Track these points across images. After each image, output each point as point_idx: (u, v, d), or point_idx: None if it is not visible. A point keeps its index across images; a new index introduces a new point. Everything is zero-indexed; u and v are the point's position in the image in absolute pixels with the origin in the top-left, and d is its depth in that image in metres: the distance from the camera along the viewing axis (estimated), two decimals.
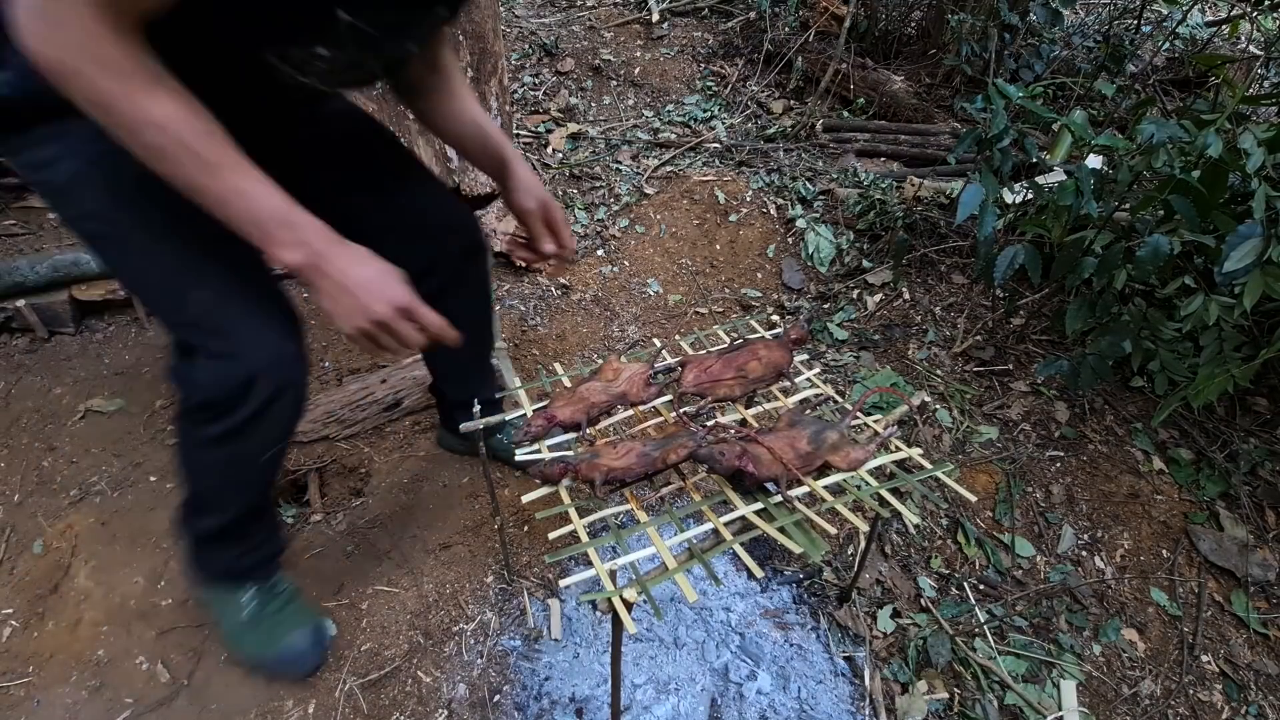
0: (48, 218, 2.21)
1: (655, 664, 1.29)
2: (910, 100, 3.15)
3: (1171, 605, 1.48)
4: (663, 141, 2.89)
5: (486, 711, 1.22)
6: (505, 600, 1.39)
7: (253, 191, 0.76)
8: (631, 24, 3.69)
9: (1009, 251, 1.65)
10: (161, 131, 0.70)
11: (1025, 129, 1.77)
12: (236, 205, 0.75)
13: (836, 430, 1.03)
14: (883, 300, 2.22)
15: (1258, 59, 3.11)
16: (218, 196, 0.75)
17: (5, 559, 1.43)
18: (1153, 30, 3.37)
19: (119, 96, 0.69)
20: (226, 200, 0.75)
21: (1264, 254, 1.27)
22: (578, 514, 0.94)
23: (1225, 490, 1.65)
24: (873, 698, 1.26)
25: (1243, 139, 1.38)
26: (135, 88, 0.69)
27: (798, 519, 0.91)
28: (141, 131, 0.71)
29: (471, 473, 1.65)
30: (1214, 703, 1.35)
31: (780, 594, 1.43)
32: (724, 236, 2.44)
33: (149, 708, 1.21)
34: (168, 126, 0.71)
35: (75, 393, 1.80)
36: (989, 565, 1.52)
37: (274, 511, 1.17)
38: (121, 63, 0.68)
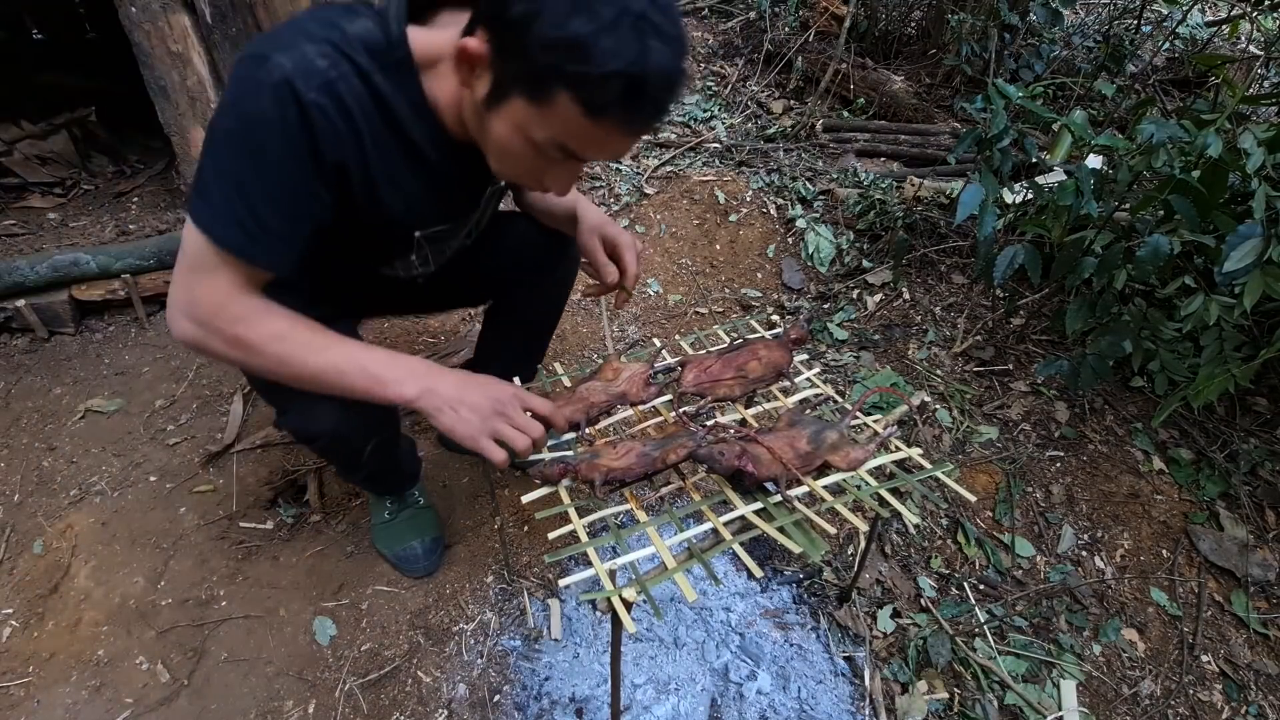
0: (48, 217, 2.21)
1: (655, 664, 1.29)
2: (910, 100, 3.15)
3: (1171, 605, 1.48)
4: (663, 141, 2.89)
5: (486, 711, 1.22)
6: (505, 600, 1.39)
7: (362, 354, 0.91)
8: None
9: (1009, 251, 1.65)
10: (281, 339, 0.88)
11: (1025, 129, 1.77)
12: (351, 368, 0.90)
13: (836, 430, 1.03)
14: (883, 300, 2.22)
15: (1258, 59, 3.11)
16: (334, 366, 0.89)
17: (5, 559, 1.43)
18: (1153, 30, 3.37)
19: (246, 329, 0.87)
20: (341, 368, 0.90)
21: (1264, 254, 1.27)
22: (577, 514, 0.94)
23: (1225, 490, 1.65)
24: (873, 698, 1.26)
25: (1243, 139, 1.38)
26: (258, 319, 0.88)
27: (797, 519, 0.91)
28: (268, 345, 0.87)
29: (471, 473, 1.65)
30: (1214, 703, 1.35)
31: (780, 594, 1.43)
32: (724, 236, 2.44)
33: (149, 708, 1.21)
34: (285, 333, 0.88)
35: (75, 393, 1.80)
36: (989, 565, 1.52)
37: (398, 460, 1.36)
38: (248, 311, 0.87)
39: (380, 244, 1.06)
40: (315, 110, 0.79)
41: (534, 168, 0.85)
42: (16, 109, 2.51)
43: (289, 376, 0.90)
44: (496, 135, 0.82)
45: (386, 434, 1.25)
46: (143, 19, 1.79)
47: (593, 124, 0.74)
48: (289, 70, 0.77)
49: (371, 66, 0.83)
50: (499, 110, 0.79)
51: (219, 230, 0.83)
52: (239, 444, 1.67)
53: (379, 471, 1.32)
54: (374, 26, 0.84)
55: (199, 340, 0.87)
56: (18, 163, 2.36)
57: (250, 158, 0.81)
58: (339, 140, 0.83)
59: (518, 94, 0.76)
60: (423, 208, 1.01)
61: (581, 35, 0.68)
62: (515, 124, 0.79)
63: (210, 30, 1.87)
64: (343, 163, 0.86)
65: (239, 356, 0.88)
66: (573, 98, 0.72)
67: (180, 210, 2.22)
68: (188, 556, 1.44)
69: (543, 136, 0.78)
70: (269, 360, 0.88)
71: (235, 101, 0.80)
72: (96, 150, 2.59)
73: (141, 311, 2.00)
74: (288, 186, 0.83)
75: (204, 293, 0.85)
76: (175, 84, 1.89)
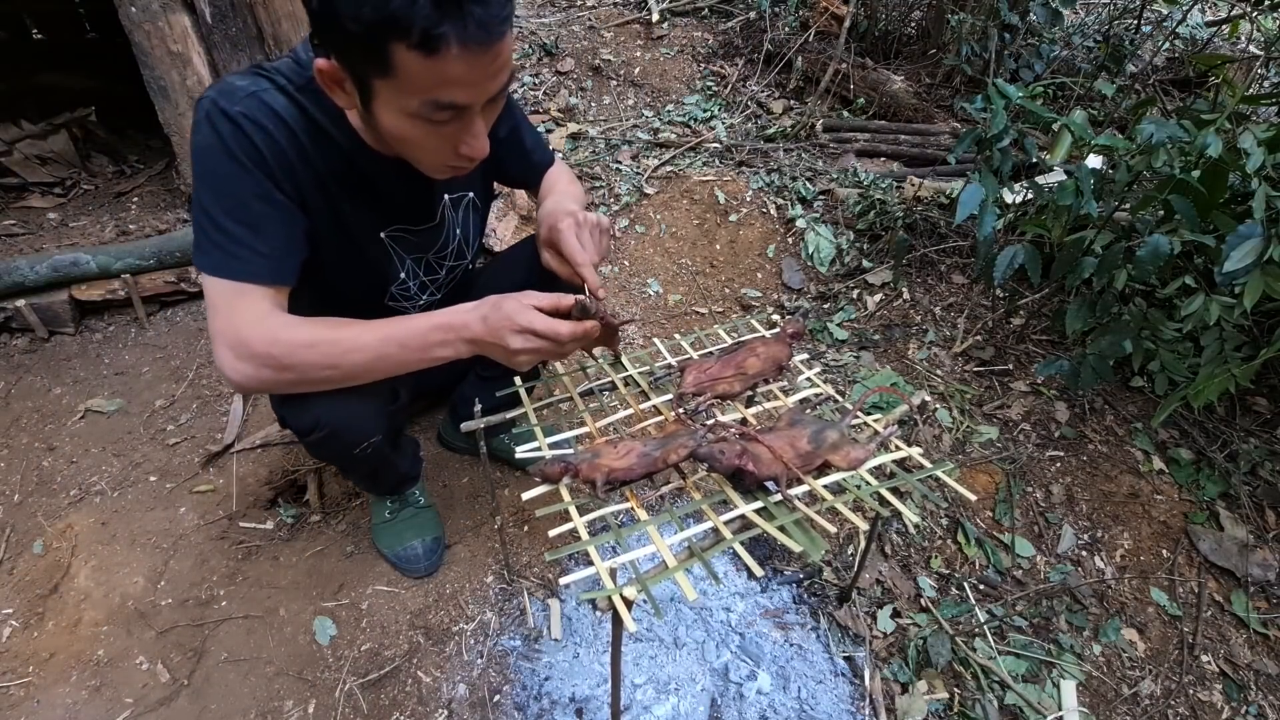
0: (48, 217, 2.21)
1: (655, 664, 1.29)
2: (910, 100, 3.15)
3: (1171, 605, 1.48)
4: (663, 141, 2.89)
5: (486, 711, 1.22)
6: (505, 600, 1.39)
7: (398, 326, 0.94)
8: (631, 24, 3.69)
9: (1009, 251, 1.65)
10: (312, 346, 0.91)
11: (1025, 129, 1.77)
12: (393, 343, 0.93)
13: (837, 429, 1.03)
14: (883, 300, 2.22)
15: (1258, 59, 3.11)
16: (378, 344, 0.93)
17: (5, 559, 1.43)
18: (1153, 30, 3.37)
19: (276, 347, 0.90)
20: (384, 347, 0.93)
21: (1264, 254, 1.27)
22: (578, 512, 0.94)
23: (1225, 490, 1.65)
24: (873, 698, 1.26)
25: (1243, 139, 1.38)
26: (285, 334, 0.91)
27: (798, 518, 0.91)
28: (301, 354, 0.91)
29: (471, 473, 1.65)
30: (1214, 703, 1.35)
31: (780, 594, 1.43)
32: (724, 236, 2.44)
33: (149, 708, 1.21)
34: (314, 339, 0.91)
35: (75, 393, 1.80)
36: (989, 565, 1.52)
37: (396, 461, 1.36)
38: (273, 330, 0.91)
39: (358, 255, 1.08)
40: (244, 120, 0.87)
41: (439, 142, 0.86)
42: (16, 109, 2.52)
43: (337, 378, 0.95)
44: (390, 130, 0.85)
45: (383, 433, 1.24)
46: (143, 19, 1.79)
47: (436, 60, 0.74)
48: (213, 96, 0.88)
49: (290, 85, 0.92)
50: (374, 107, 0.83)
51: (208, 264, 0.90)
52: (239, 444, 1.67)
53: (377, 470, 1.32)
54: (289, 60, 0.95)
55: (249, 376, 0.91)
56: (18, 163, 2.36)
57: (207, 186, 0.89)
58: (276, 145, 0.90)
59: (373, 79, 0.79)
60: (375, 207, 1.05)
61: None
62: (392, 109, 0.81)
63: (210, 30, 1.87)
64: (290, 167, 0.92)
65: (286, 378, 0.92)
66: (405, 47, 0.73)
67: (180, 210, 2.23)
68: (188, 556, 1.44)
69: (415, 104, 0.79)
70: (311, 369, 0.92)
71: (191, 149, 0.90)
72: (96, 150, 2.59)
73: (141, 311, 2.00)
74: (243, 198, 0.89)
75: (232, 327, 0.90)
76: (175, 84, 1.89)
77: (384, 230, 1.09)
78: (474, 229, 1.25)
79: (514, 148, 1.25)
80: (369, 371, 0.95)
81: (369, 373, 0.95)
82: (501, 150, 1.23)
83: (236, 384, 0.92)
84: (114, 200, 2.33)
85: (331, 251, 1.04)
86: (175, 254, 1.99)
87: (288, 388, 0.96)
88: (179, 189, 2.28)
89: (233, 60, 1.94)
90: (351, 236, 1.06)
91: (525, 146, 1.27)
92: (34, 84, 2.70)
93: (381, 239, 1.10)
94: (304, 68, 0.93)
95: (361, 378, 0.96)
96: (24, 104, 2.56)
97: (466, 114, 0.83)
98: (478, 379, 1.53)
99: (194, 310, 2.07)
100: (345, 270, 1.09)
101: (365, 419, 1.11)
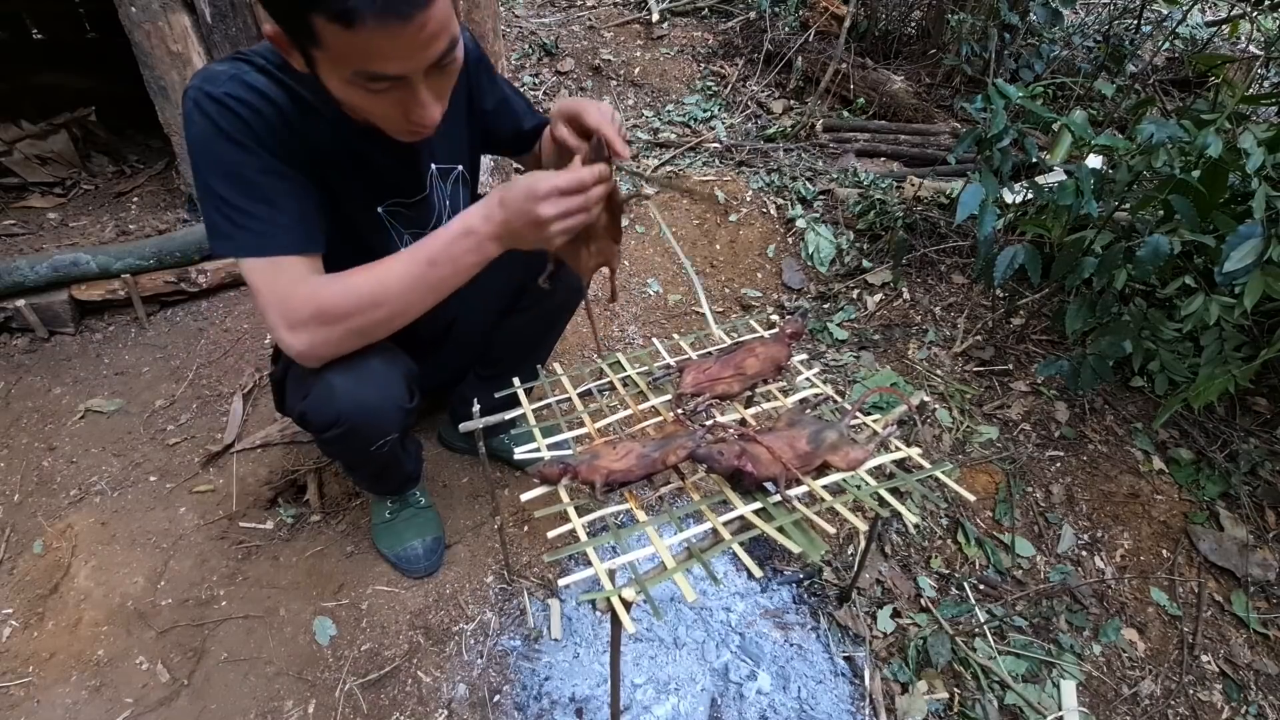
0: (48, 217, 2.21)
1: (655, 664, 1.29)
2: (910, 100, 3.15)
3: (1171, 605, 1.48)
4: (663, 141, 2.89)
5: (486, 711, 1.22)
6: (505, 600, 1.39)
7: (421, 246, 0.94)
8: (631, 24, 3.70)
9: (1009, 251, 1.65)
10: (355, 290, 0.93)
11: (1025, 129, 1.77)
12: (421, 262, 0.93)
13: (836, 430, 1.03)
14: (883, 300, 2.22)
15: (1258, 59, 3.11)
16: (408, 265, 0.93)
17: (5, 559, 1.43)
18: (1153, 30, 3.37)
19: (321, 302, 0.92)
20: (414, 267, 0.93)
21: (1264, 254, 1.27)
22: (577, 513, 0.94)
23: (1225, 490, 1.65)
24: (873, 698, 1.26)
25: (1243, 139, 1.38)
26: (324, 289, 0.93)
27: (797, 519, 0.91)
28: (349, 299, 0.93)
29: (471, 473, 1.65)
30: (1214, 703, 1.35)
31: (780, 594, 1.43)
32: (724, 236, 2.44)
33: (149, 708, 1.21)
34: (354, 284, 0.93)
35: (75, 393, 1.80)
36: (989, 565, 1.52)
37: (402, 462, 1.33)
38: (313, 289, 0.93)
39: (355, 231, 1.09)
40: (231, 100, 0.87)
41: (388, 109, 0.86)
42: (16, 109, 2.51)
43: (386, 317, 0.94)
44: (339, 96, 0.86)
45: (400, 431, 1.23)
46: (143, 19, 1.79)
47: (354, 32, 0.74)
48: (197, 84, 0.89)
49: (269, 65, 0.92)
50: (318, 74, 0.83)
51: (235, 247, 0.90)
52: (239, 444, 1.67)
53: (384, 470, 1.32)
54: (268, 43, 0.92)
55: (308, 342, 0.92)
56: (18, 163, 2.36)
57: (214, 172, 0.89)
58: (265, 122, 0.90)
59: (309, 49, 0.79)
60: (367, 182, 1.06)
61: None
62: (332, 78, 0.82)
63: (210, 30, 1.87)
64: (280, 143, 0.92)
65: (340, 330, 0.93)
66: (325, 20, 0.73)
67: (180, 210, 2.23)
68: (188, 556, 1.44)
69: (347, 73, 0.79)
70: (359, 314, 0.93)
71: (186, 142, 0.91)
72: (96, 150, 2.59)
73: (141, 311, 2.00)
74: (252, 177, 0.90)
75: (279, 301, 0.91)
76: (175, 84, 1.89)
77: (380, 205, 1.10)
78: (464, 201, 1.24)
79: (504, 117, 1.24)
80: (409, 299, 0.94)
81: (410, 301, 0.95)
82: (490, 122, 1.23)
83: (300, 353, 0.93)
84: (114, 200, 2.33)
85: (329, 227, 1.03)
86: (175, 254, 1.99)
87: (347, 341, 0.96)
88: (179, 189, 2.28)
89: None
90: (347, 213, 1.06)
91: (516, 113, 1.25)
92: (34, 84, 2.70)
93: (379, 214, 1.10)
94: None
95: (408, 310, 0.95)
96: (24, 104, 2.56)
97: (406, 83, 0.83)
98: (477, 379, 1.53)
99: (194, 310, 2.07)
100: (344, 248, 1.08)
101: (385, 416, 1.10)
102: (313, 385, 1.04)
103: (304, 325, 0.91)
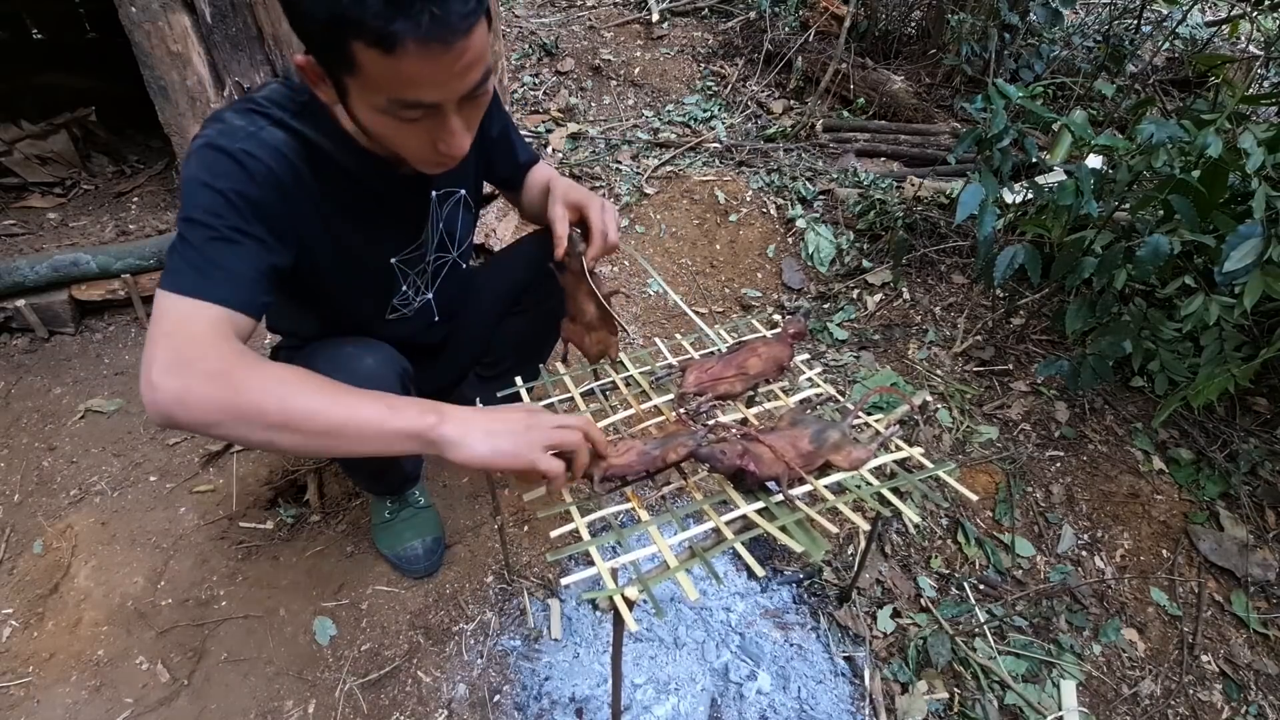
0: (48, 217, 2.21)
1: (655, 664, 1.29)
2: (910, 100, 3.15)
3: (1171, 605, 1.48)
4: (663, 141, 2.89)
5: (486, 711, 1.22)
6: (505, 600, 1.39)
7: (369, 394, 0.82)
8: (631, 24, 3.70)
9: (1009, 251, 1.65)
10: (282, 382, 0.79)
11: (1025, 129, 1.77)
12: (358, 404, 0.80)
13: (838, 429, 1.03)
14: (883, 300, 2.22)
15: (1258, 59, 3.11)
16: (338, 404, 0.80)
17: (5, 559, 1.43)
18: (1153, 30, 3.37)
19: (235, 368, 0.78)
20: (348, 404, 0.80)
21: (1264, 254, 1.27)
22: (579, 512, 0.94)
23: (1225, 490, 1.65)
24: (873, 698, 1.26)
25: (1243, 139, 1.38)
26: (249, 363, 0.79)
27: (799, 518, 0.91)
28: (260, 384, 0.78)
29: (471, 472, 1.65)
30: (1214, 703, 1.35)
31: (780, 594, 1.43)
32: (724, 236, 2.44)
33: (149, 708, 1.21)
34: (284, 377, 0.80)
35: (75, 393, 1.80)
36: (989, 565, 1.52)
37: (402, 460, 1.33)
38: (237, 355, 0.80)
39: (366, 279, 1.10)
40: (245, 157, 0.85)
41: (418, 139, 0.85)
42: (16, 109, 2.51)
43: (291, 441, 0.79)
44: (368, 127, 0.84)
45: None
46: (143, 19, 1.79)
47: (394, 58, 0.72)
48: (211, 136, 0.86)
49: (285, 115, 0.91)
50: (350, 103, 0.82)
51: (173, 283, 0.81)
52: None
53: (383, 468, 1.32)
54: (279, 85, 0.94)
55: (174, 392, 0.75)
56: (18, 163, 2.36)
57: (189, 217, 0.85)
58: (278, 183, 0.88)
59: (343, 76, 0.78)
60: (383, 231, 1.06)
61: None
62: (364, 106, 0.81)
63: (210, 30, 1.87)
64: (292, 204, 0.90)
65: (224, 404, 0.76)
66: (363, 46, 0.72)
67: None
68: (188, 556, 1.44)
69: (382, 101, 0.78)
70: (265, 403, 0.77)
71: (181, 178, 0.88)
72: (96, 150, 2.59)
73: (141, 311, 2.00)
74: (225, 231, 0.84)
75: (181, 340, 0.78)
76: (175, 84, 1.89)
77: (394, 256, 1.10)
78: (462, 224, 1.23)
79: (505, 148, 1.26)
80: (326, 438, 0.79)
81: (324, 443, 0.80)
82: (493, 150, 1.24)
83: (155, 400, 0.75)
84: (114, 200, 2.33)
85: (337, 279, 1.04)
86: None
87: (216, 416, 0.76)
88: (179, 189, 2.28)
89: (233, 60, 1.94)
90: (360, 264, 1.06)
91: (515, 145, 1.28)
92: (34, 84, 2.70)
93: (391, 264, 1.11)
94: (297, 92, 0.92)
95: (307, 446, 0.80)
96: (24, 104, 2.56)
97: (439, 112, 0.81)
98: (477, 379, 1.53)
99: None
100: (351, 294, 1.11)
101: None
102: None
103: (189, 372, 0.76)
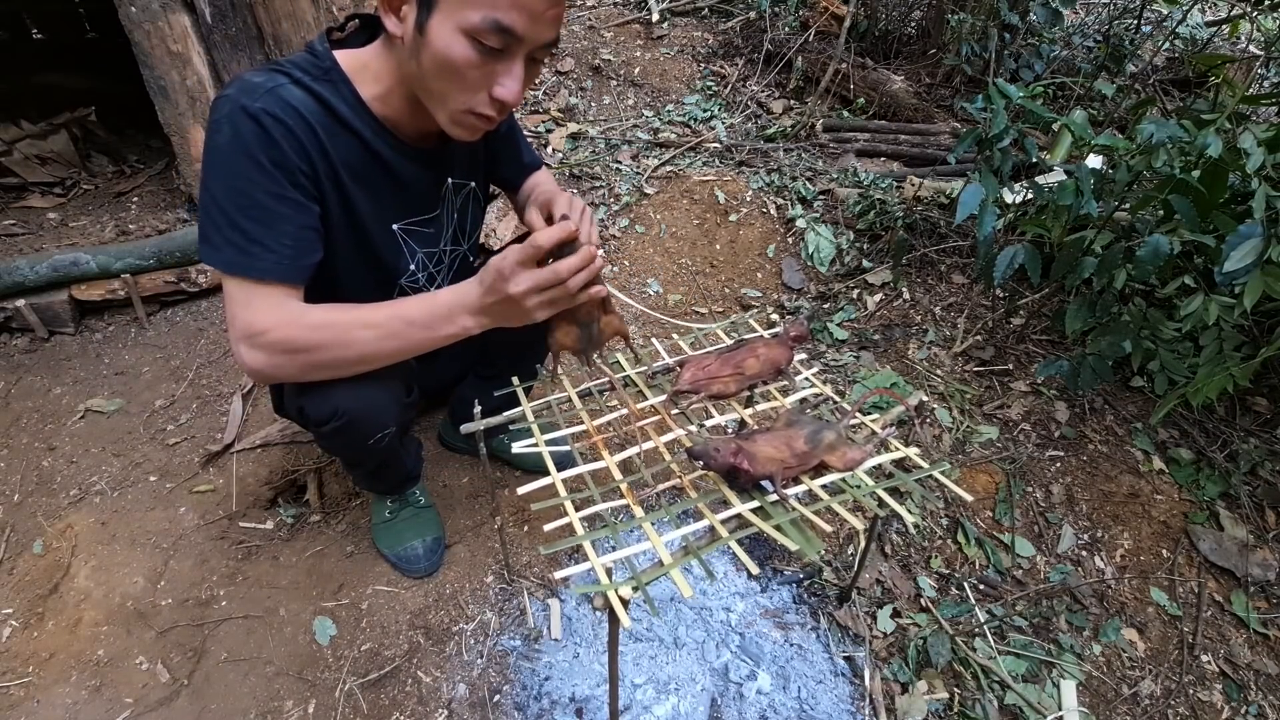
0: (48, 217, 2.21)
1: (655, 664, 1.29)
2: (910, 100, 3.15)
3: (1171, 605, 1.47)
4: (663, 141, 2.89)
5: (486, 711, 1.22)
6: (505, 600, 1.39)
7: (404, 304, 0.97)
8: (631, 24, 3.69)
9: (1009, 251, 1.65)
10: (328, 325, 0.95)
11: (1025, 129, 1.77)
12: (400, 320, 0.96)
13: (834, 430, 1.03)
14: (883, 300, 2.22)
15: (1258, 59, 3.11)
16: (386, 320, 0.96)
17: (5, 559, 1.43)
18: (1153, 30, 3.37)
19: (288, 332, 0.93)
20: (391, 324, 0.96)
21: (1264, 254, 1.27)
22: (574, 508, 0.94)
23: (1225, 490, 1.65)
24: (873, 698, 1.26)
25: (1243, 139, 1.38)
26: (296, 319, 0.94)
27: (793, 517, 0.91)
28: (313, 335, 0.94)
29: (471, 473, 1.65)
30: (1214, 703, 1.35)
31: (780, 594, 1.43)
32: (724, 236, 2.44)
33: (149, 708, 1.21)
34: (326, 320, 0.95)
35: (75, 393, 1.80)
36: (989, 565, 1.52)
37: (403, 457, 1.35)
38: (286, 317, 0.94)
39: (369, 248, 1.10)
40: (266, 117, 0.88)
41: (477, 78, 0.87)
42: (16, 109, 2.52)
43: (350, 360, 0.97)
44: (437, 50, 0.85)
45: (397, 425, 1.24)
46: (143, 19, 1.79)
47: None
48: (233, 95, 0.89)
49: (307, 78, 0.93)
50: (430, 25, 0.84)
51: (222, 261, 0.91)
52: (239, 444, 1.67)
53: (383, 466, 1.32)
54: (303, 53, 0.97)
55: (261, 364, 0.93)
56: (18, 163, 2.37)
57: (223, 183, 0.90)
58: (296, 140, 0.91)
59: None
60: (389, 198, 1.07)
61: None
62: (449, 26, 0.83)
63: (210, 30, 1.87)
64: (309, 161, 0.93)
65: (300, 361, 0.94)
66: None
67: (180, 209, 2.23)
68: (188, 556, 1.44)
69: (476, 19, 0.82)
70: (323, 350, 0.94)
71: (205, 147, 0.91)
72: (96, 150, 2.59)
73: (141, 311, 2.00)
74: (259, 198, 0.90)
75: (247, 319, 0.92)
76: (175, 84, 1.89)
77: (397, 223, 1.11)
78: (471, 218, 1.26)
79: (511, 146, 1.28)
80: (379, 350, 0.97)
81: (379, 352, 0.97)
82: (501, 147, 1.25)
83: (253, 371, 0.94)
84: (114, 200, 2.34)
85: (343, 243, 1.05)
86: (175, 254, 1.99)
87: (302, 372, 0.97)
88: (179, 189, 2.29)
89: (233, 60, 1.94)
90: (364, 228, 1.07)
91: (519, 146, 1.30)
92: (34, 84, 2.70)
93: (394, 231, 1.11)
94: (320, 59, 0.95)
95: (373, 359, 0.98)
96: (24, 104, 2.56)
97: (514, 50, 0.85)
98: (477, 379, 1.53)
99: (194, 310, 2.07)
100: (356, 264, 1.10)
101: (383, 409, 1.12)
102: (311, 384, 1.04)
103: (264, 348, 0.93)
